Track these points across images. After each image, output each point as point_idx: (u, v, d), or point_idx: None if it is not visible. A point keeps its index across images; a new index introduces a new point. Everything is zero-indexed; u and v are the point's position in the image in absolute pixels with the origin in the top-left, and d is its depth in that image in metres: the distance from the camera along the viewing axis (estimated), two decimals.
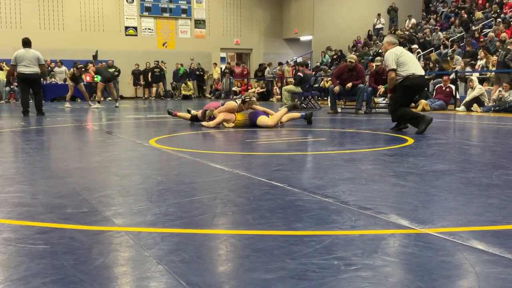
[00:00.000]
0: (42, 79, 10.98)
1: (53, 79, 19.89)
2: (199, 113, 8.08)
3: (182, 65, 23.09)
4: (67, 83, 15.89)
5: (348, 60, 11.77)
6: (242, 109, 7.79)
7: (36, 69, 10.76)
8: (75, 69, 14.61)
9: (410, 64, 6.75)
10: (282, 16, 25.62)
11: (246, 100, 7.74)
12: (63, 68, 20.54)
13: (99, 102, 14.28)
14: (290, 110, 8.21)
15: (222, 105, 7.89)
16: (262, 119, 7.58)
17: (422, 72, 7.06)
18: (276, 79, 21.18)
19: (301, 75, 13.20)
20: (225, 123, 7.60)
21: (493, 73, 13.13)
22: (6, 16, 20.64)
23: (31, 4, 20.88)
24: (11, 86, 19.70)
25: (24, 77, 10.77)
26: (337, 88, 11.42)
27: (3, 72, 19.56)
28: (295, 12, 24.60)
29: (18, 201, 2.90)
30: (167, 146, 5.41)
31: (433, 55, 16.22)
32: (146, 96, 22.48)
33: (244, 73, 23.49)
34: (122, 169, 4.02)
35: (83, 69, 15.33)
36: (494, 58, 13.28)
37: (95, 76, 18.07)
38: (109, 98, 19.08)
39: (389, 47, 6.94)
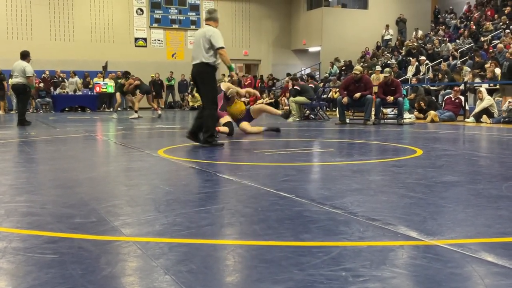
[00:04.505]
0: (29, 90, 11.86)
1: (63, 90, 20.04)
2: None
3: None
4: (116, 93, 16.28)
5: (353, 71, 11.80)
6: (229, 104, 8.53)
7: (19, 80, 11.34)
8: (127, 80, 15.36)
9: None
10: (290, 27, 25.72)
11: (229, 97, 8.43)
12: (76, 78, 20.73)
13: (136, 111, 14.86)
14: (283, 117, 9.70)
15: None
16: (243, 124, 8.48)
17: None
18: (284, 90, 21.26)
19: (298, 88, 13.48)
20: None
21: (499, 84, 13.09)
22: (17, 27, 20.87)
23: (42, 15, 21.11)
24: None
25: (12, 87, 11.86)
26: (345, 100, 11.41)
27: None
28: (304, 23, 24.68)
29: (27, 210, 2.91)
30: (176, 156, 5.42)
31: (444, 66, 16.21)
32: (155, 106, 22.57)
33: (248, 83, 23.67)
34: (130, 179, 4.03)
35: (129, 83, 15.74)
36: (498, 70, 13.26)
37: (104, 87, 18.50)
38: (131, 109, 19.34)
39: (214, 25, 6.94)
